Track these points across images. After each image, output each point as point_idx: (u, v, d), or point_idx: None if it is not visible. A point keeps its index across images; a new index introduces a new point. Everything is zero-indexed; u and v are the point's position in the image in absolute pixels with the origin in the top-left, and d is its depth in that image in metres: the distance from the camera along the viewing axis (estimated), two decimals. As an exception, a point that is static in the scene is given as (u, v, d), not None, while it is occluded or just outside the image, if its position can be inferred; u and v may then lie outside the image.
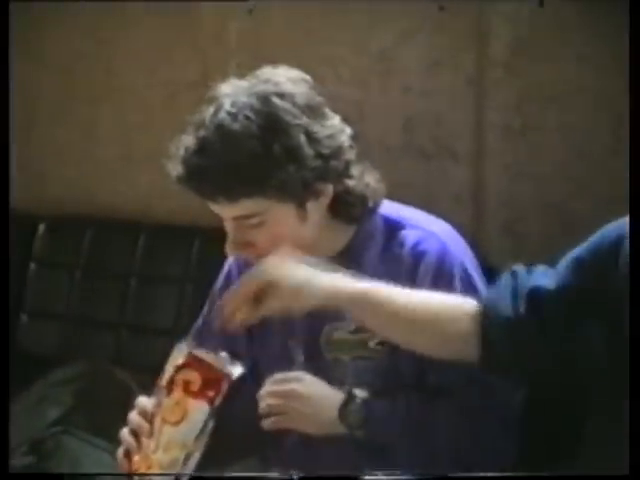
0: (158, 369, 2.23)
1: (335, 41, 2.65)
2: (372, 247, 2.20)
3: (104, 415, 2.83)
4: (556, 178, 2.69)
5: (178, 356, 1.97)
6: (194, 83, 2.99)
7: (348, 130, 2.10)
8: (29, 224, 3.24)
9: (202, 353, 1.96)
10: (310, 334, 2.17)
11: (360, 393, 2.12)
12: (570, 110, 2.65)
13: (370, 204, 2.17)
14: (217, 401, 1.92)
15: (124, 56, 3.15)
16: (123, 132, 3.21)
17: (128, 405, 2.75)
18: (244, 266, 2.19)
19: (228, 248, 2.09)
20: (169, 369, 1.97)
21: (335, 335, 2.18)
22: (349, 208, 2.16)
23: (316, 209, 2.10)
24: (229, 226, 2.07)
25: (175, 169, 2.02)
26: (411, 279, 2.12)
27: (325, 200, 2.10)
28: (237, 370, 1.94)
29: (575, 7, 2.60)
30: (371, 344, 2.16)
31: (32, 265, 3.25)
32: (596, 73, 2.58)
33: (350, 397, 2.11)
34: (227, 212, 2.04)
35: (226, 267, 2.32)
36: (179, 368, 1.95)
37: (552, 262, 2.16)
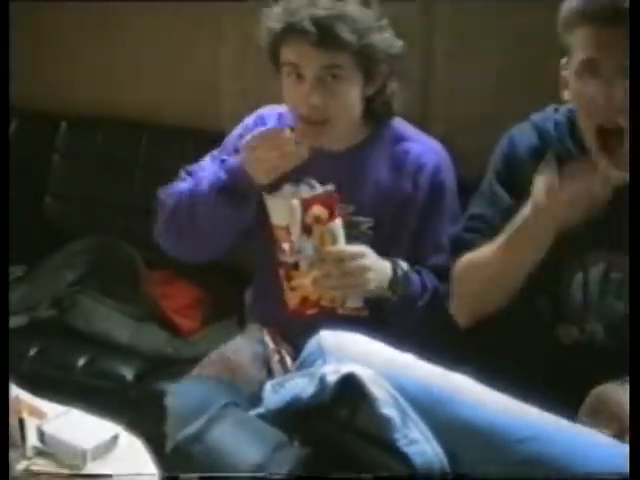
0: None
1: None
2: (381, 149, 2.26)
3: (113, 280, 2.88)
4: (489, 98, 2.71)
5: (291, 209, 2.03)
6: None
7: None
8: (53, 122, 3.24)
9: (311, 192, 2.06)
10: None
11: (403, 264, 2.15)
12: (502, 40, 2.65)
13: (394, 107, 2.26)
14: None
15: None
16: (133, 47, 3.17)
17: (133, 273, 2.84)
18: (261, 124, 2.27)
19: (305, 96, 2.12)
20: (287, 219, 2.05)
21: None
22: (379, 105, 2.24)
23: (368, 91, 2.19)
24: (309, 83, 2.11)
25: (282, 23, 2.11)
26: (412, 184, 2.22)
27: (375, 87, 2.19)
28: (327, 187, 2.06)
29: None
30: (363, 227, 2.22)
31: (55, 156, 3.25)
32: (524, 11, 2.59)
33: (397, 267, 2.13)
34: (317, 60, 2.10)
35: (245, 122, 2.36)
36: (305, 210, 2.03)
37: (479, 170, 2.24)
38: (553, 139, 2.06)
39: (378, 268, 2.08)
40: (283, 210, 2.05)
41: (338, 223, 2.06)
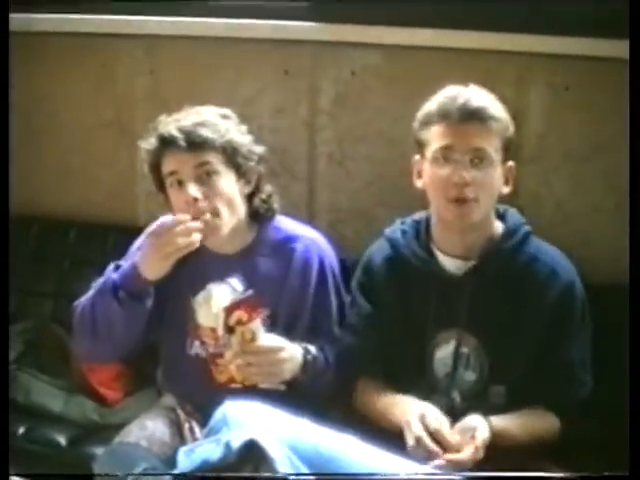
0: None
1: (210, 93, 2.63)
2: (269, 250, 2.22)
3: (46, 358, 2.80)
4: (365, 193, 2.70)
5: (216, 316, 2.01)
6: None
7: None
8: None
9: (232, 297, 2.02)
10: None
11: (312, 350, 2.10)
12: (374, 145, 2.67)
13: (275, 207, 2.23)
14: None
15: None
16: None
17: (63, 352, 2.77)
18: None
19: (186, 194, 2.08)
20: (212, 322, 2.04)
21: None
22: (260, 204, 2.20)
23: (244, 190, 2.17)
24: (189, 179, 2.09)
25: (155, 139, 2.13)
26: (302, 278, 2.19)
27: (250, 186, 2.17)
28: (248, 292, 2.02)
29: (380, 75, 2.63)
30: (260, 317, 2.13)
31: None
32: (391, 122, 2.62)
33: (308, 353, 2.09)
34: (190, 162, 2.09)
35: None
36: (227, 315, 1.98)
37: (360, 253, 2.25)
38: (402, 246, 2.13)
39: (292, 358, 2.05)
40: (209, 314, 2.04)
41: (257, 322, 2.00)
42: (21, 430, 2.58)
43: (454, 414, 2.04)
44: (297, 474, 1.72)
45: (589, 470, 1.86)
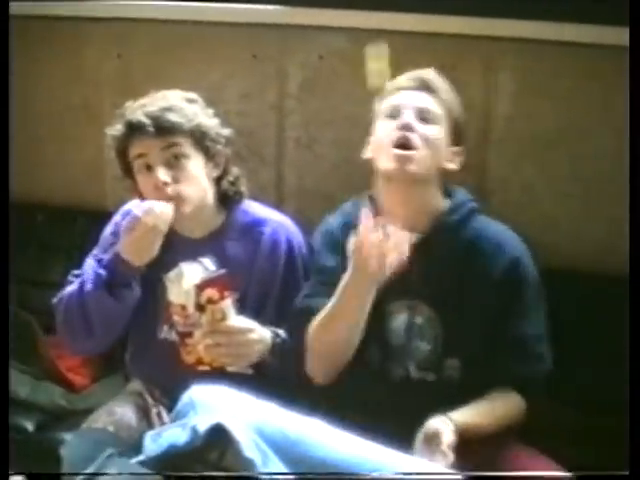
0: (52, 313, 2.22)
1: (179, 77, 2.61)
2: (238, 234, 2.21)
3: (13, 344, 2.77)
4: (332, 176, 2.70)
5: (187, 293, 1.98)
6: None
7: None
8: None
9: (204, 275, 1.99)
10: None
11: (281, 333, 2.09)
12: (341, 129, 2.67)
13: (243, 190, 2.23)
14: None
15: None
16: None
17: (31, 338, 2.75)
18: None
19: (156, 178, 2.08)
20: (183, 299, 1.99)
21: None
22: (228, 187, 2.21)
23: (212, 173, 2.17)
24: (158, 163, 2.09)
25: (122, 125, 2.12)
26: (270, 262, 2.19)
27: (218, 169, 2.17)
28: (220, 271, 2.01)
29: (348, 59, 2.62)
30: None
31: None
32: (359, 105, 2.59)
33: (277, 336, 2.08)
34: (158, 145, 2.09)
35: (114, 219, 2.27)
36: (199, 292, 1.97)
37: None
38: (352, 215, 2.11)
39: (262, 340, 2.05)
40: (180, 292, 2.01)
41: (228, 302, 2.00)
42: (-13, 416, 2.58)
43: (410, 384, 2.07)
44: (274, 473, 1.71)
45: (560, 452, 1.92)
